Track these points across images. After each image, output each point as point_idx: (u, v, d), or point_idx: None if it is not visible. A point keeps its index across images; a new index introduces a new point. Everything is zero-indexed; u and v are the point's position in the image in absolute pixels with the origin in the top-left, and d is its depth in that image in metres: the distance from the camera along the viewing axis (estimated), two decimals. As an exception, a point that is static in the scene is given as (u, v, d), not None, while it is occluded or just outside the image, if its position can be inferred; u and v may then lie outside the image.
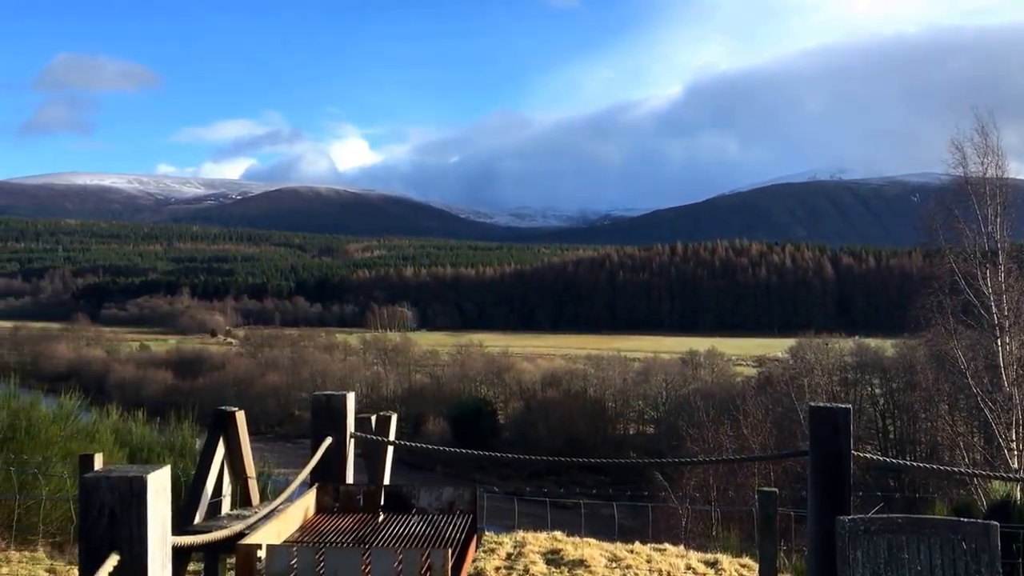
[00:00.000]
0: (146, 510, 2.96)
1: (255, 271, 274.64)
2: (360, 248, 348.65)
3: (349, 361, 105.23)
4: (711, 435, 36.68)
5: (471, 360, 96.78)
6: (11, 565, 8.53)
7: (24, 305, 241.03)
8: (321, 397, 6.35)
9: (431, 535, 5.05)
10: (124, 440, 11.77)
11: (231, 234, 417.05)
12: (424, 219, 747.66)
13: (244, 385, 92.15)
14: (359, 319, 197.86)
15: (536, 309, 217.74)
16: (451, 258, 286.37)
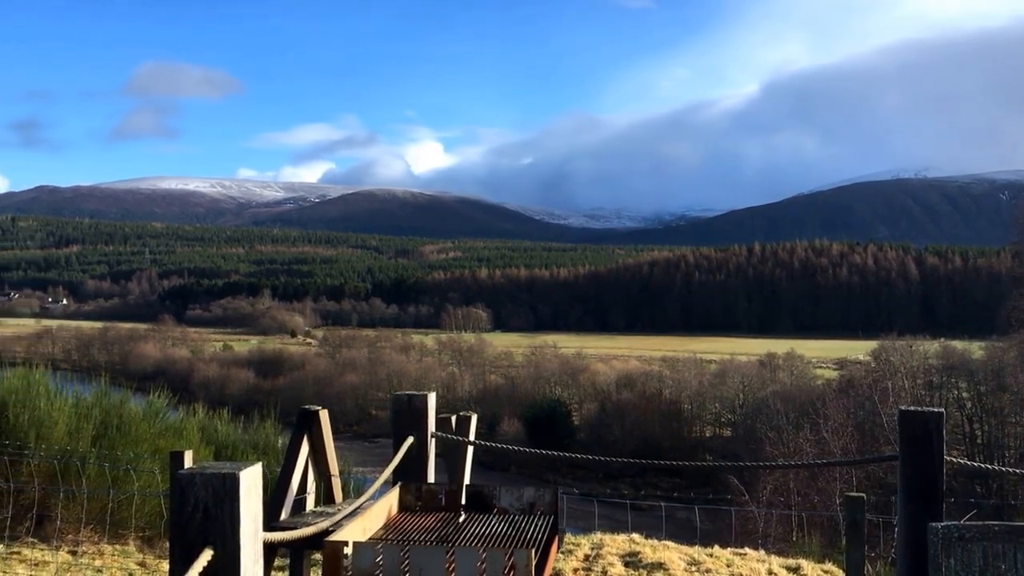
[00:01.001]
0: (239, 506, 3.01)
1: (333, 273, 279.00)
2: (435, 250, 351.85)
3: (425, 362, 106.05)
4: (791, 439, 36.01)
5: (545, 361, 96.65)
6: (104, 558, 8.77)
7: (113, 306, 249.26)
8: (403, 397, 6.40)
9: (513, 535, 5.05)
10: (210, 438, 12.03)
11: (310, 236, 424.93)
12: (498, 220, 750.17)
13: (322, 385, 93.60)
14: (434, 320, 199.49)
15: (610, 310, 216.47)
16: (525, 259, 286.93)
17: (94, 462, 9.39)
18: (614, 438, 68.84)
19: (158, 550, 9.56)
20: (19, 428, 10.03)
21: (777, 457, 33.44)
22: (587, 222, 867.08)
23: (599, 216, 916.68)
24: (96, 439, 10.31)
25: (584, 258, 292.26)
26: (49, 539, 9.16)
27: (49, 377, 11.15)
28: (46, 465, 9.44)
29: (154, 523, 10.02)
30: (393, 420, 6.42)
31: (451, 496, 5.59)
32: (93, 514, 9.47)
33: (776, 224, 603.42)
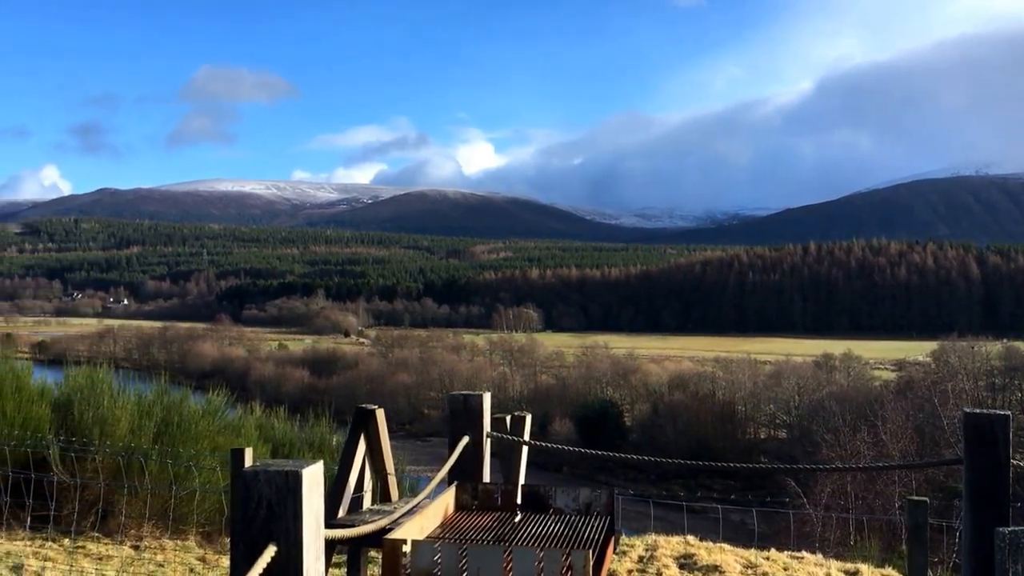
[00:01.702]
0: (301, 503, 3.05)
1: (385, 273, 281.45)
2: (486, 250, 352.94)
3: (476, 362, 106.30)
4: (847, 441, 35.44)
5: (597, 361, 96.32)
6: (165, 553, 8.93)
7: (172, 306, 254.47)
8: (458, 397, 6.42)
9: (569, 536, 5.04)
10: (267, 435, 12.19)
11: (363, 237, 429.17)
12: (549, 221, 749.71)
13: (375, 384, 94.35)
14: (485, 320, 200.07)
15: (662, 310, 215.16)
16: (576, 259, 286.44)
17: (156, 459, 9.57)
18: (666, 439, 68.34)
19: (217, 545, 9.70)
20: (84, 425, 10.26)
21: (834, 460, 32.93)
22: (638, 222, 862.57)
23: (650, 216, 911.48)
24: (157, 436, 10.51)
25: (635, 258, 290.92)
26: (113, 534, 9.35)
27: (112, 375, 11.38)
28: (110, 461, 9.64)
29: (213, 519, 10.18)
30: (449, 419, 6.44)
31: (507, 496, 5.60)
32: (155, 510, 9.65)
33: (832, 223, 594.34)
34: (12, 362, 11.36)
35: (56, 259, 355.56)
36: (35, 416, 10.24)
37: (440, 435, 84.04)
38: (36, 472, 8.77)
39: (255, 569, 2.88)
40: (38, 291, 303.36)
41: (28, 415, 10.20)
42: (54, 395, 10.88)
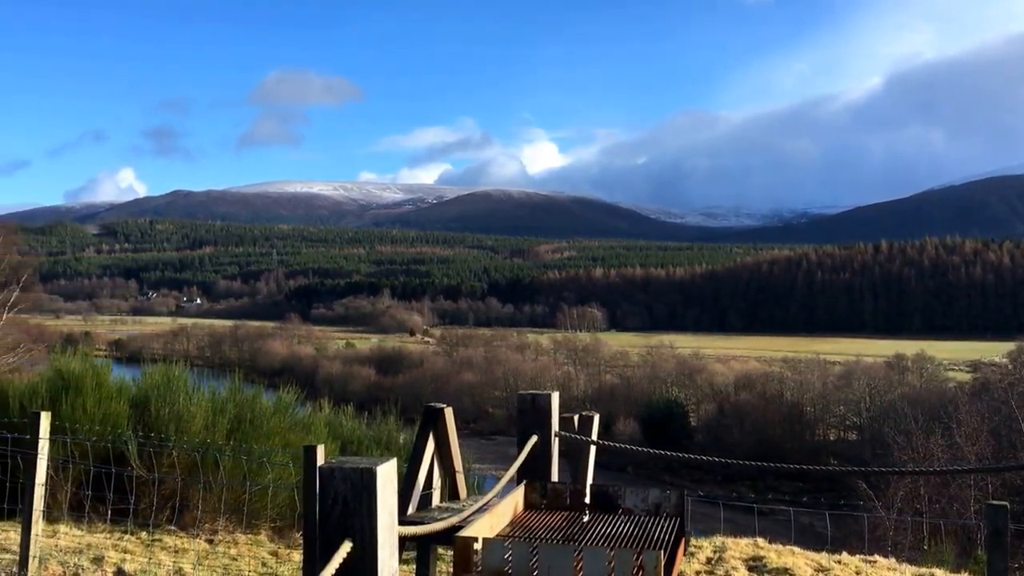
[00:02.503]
0: (376, 500, 3.09)
1: (450, 272, 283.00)
2: (550, 249, 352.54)
3: (540, 361, 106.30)
4: (920, 444, 34.56)
5: (662, 361, 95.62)
6: (238, 547, 9.10)
7: (243, 305, 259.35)
8: (527, 396, 6.43)
9: (639, 536, 5.02)
10: (336, 432, 12.34)
11: (428, 237, 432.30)
12: (613, 220, 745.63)
13: (440, 383, 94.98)
14: (549, 319, 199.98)
15: (728, 310, 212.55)
16: (641, 258, 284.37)
17: (229, 455, 9.76)
18: (733, 440, 67.57)
19: (288, 540, 9.85)
20: (161, 421, 10.52)
21: (907, 463, 32.16)
22: (703, 220, 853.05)
23: (716, 214, 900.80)
24: (231, 433, 10.71)
25: (701, 257, 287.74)
26: (188, 527, 9.56)
27: (187, 373, 11.63)
28: (185, 457, 9.87)
29: (285, 514, 10.34)
30: (517, 419, 6.45)
31: (576, 495, 5.59)
32: (228, 504, 9.85)
33: (903, 221, 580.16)
34: (92, 360, 11.68)
35: (132, 259, 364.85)
36: (114, 412, 10.53)
37: (504, 434, 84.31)
38: (115, 467, 9.03)
39: (331, 564, 2.93)
40: (115, 290, 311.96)
41: (107, 411, 10.49)
42: (132, 392, 11.16)
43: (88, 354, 11.80)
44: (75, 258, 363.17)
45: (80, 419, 10.00)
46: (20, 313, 54.22)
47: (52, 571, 6.74)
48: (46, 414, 6.82)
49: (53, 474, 8.02)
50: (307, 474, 5.14)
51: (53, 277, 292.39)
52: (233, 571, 7.69)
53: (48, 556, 7.08)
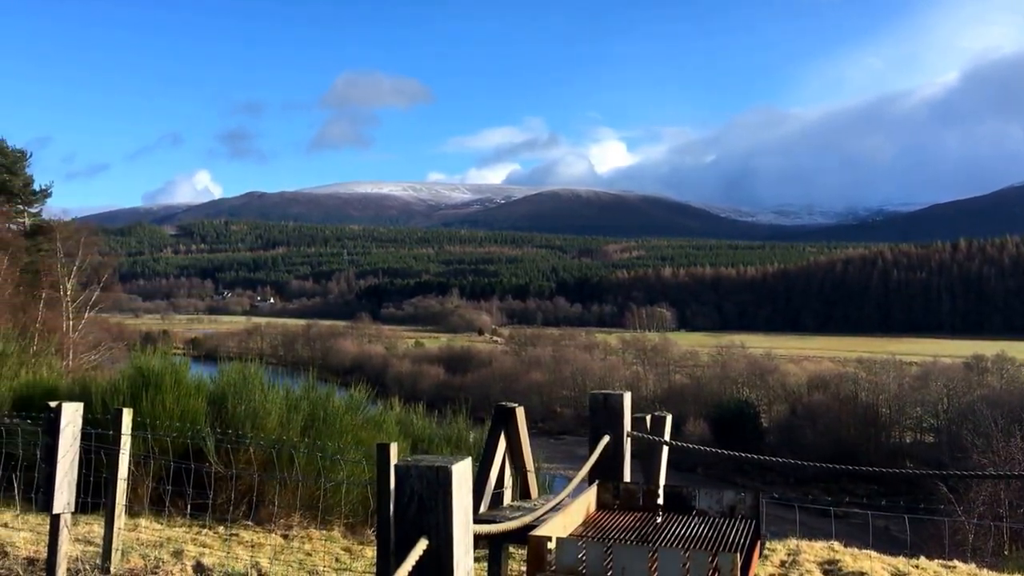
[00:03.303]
0: (451, 498, 3.09)
1: (518, 272, 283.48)
2: (619, 249, 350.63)
3: (609, 360, 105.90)
4: (1001, 446, 33.46)
5: (732, 361, 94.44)
6: (312, 543, 9.22)
7: (315, 304, 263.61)
8: (599, 396, 6.39)
9: (714, 538, 4.94)
10: (406, 431, 12.43)
11: (496, 237, 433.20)
12: (683, 219, 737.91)
13: (509, 382, 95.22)
14: (618, 319, 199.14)
15: (801, 310, 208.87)
16: (711, 258, 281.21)
17: (303, 451, 9.90)
18: (805, 441, 66.42)
19: (361, 536, 9.94)
20: (237, 418, 10.72)
21: (986, 466, 31.17)
22: (775, 219, 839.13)
23: (788, 212, 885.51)
24: (305, 430, 10.87)
25: (773, 256, 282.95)
26: (264, 522, 9.72)
27: (262, 371, 11.83)
28: (261, 453, 10.04)
29: (357, 511, 10.45)
30: (589, 418, 6.42)
31: (649, 496, 5.53)
32: (302, 500, 9.99)
33: (981, 218, 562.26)
34: (170, 358, 11.96)
35: (208, 259, 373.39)
36: (192, 409, 10.76)
37: (572, 433, 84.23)
38: (194, 462, 9.23)
39: (407, 562, 2.93)
40: (191, 290, 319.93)
41: (186, 408, 10.72)
42: (209, 389, 11.38)
43: (166, 352, 12.08)
44: (153, 258, 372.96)
45: (160, 415, 10.24)
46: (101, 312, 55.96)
47: (134, 564, 6.91)
48: (128, 410, 6.99)
49: (134, 469, 8.23)
50: (381, 472, 5.17)
51: (132, 277, 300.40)
52: (308, 566, 7.79)
53: (130, 549, 7.26)
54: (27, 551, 7.22)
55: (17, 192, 54.70)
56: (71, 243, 49.82)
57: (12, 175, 53.99)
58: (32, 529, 8.17)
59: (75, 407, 6.21)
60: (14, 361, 12.89)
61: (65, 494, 6.06)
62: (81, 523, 8.23)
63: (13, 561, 6.95)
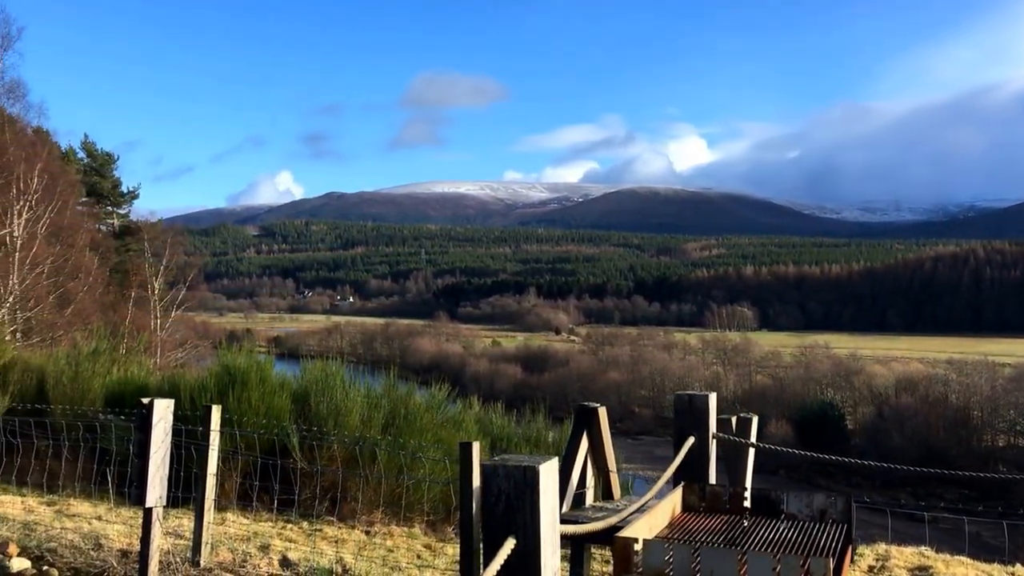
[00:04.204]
0: (538, 498, 3.07)
1: (596, 271, 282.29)
2: (698, 247, 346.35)
3: (688, 360, 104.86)
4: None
5: (816, 362, 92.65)
6: (394, 539, 9.29)
7: (393, 304, 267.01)
8: (684, 397, 6.31)
9: (804, 543, 4.81)
10: (486, 429, 12.44)
11: (573, 236, 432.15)
12: (765, 216, 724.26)
13: (586, 381, 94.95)
14: (697, 318, 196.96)
15: (888, 309, 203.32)
16: (794, 256, 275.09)
17: (385, 449, 9.99)
18: (893, 444, 64.74)
19: (441, 534, 9.99)
20: (320, 415, 10.89)
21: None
22: (861, 216, 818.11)
23: (874, 209, 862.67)
24: (385, 427, 10.97)
25: (859, 254, 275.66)
26: (346, 518, 9.84)
27: (343, 369, 11.98)
28: (343, 450, 10.18)
29: (437, 508, 10.51)
30: (675, 420, 6.33)
31: (735, 499, 5.42)
32: (384, 497, 10.09)
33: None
34: (255, 356, 12.20)
35: (289, 259, 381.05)
36: (277, 406, 10.96)
37: (651, 434, 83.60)
38: (278, 458, 9.40)
39: (496, 561, 2.92)
40: (273, 289, 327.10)
41: (271, 405, 10.93)
42: (293, 387, 11.58)
43: (251, 350, 12.32)
44: (236, 258, 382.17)
45: (245, 412, 10.46)
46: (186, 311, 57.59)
47: (223, 557, 7.05)
48: (217, 407, 7.13)
49: (221, 465, 8.41)
50: (463, 470, 5.17)
51: (216, 276, 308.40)
52: (391, 562, 7.85)
53: (219, 543, 7.41)
54: (120, 543, 7.43)
55: (106, 194, 56.78)
56: (158, 243, 51.39)
57: (101, 177, 56.05)
58: (125, 522, 8.41)
59: (166, 404, 6.35)
60: (106, 359, 13.30)
61: (157, 488, 6.20)
62: (171, 517, 8.44)
63: (107, 553, 7.15)
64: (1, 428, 9.42)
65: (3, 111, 33.16)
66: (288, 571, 6.98)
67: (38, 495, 9.72)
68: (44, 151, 36.17)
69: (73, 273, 36.60)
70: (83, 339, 14.35)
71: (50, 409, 10.58)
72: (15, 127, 34.54)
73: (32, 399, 11.29)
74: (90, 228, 48.46)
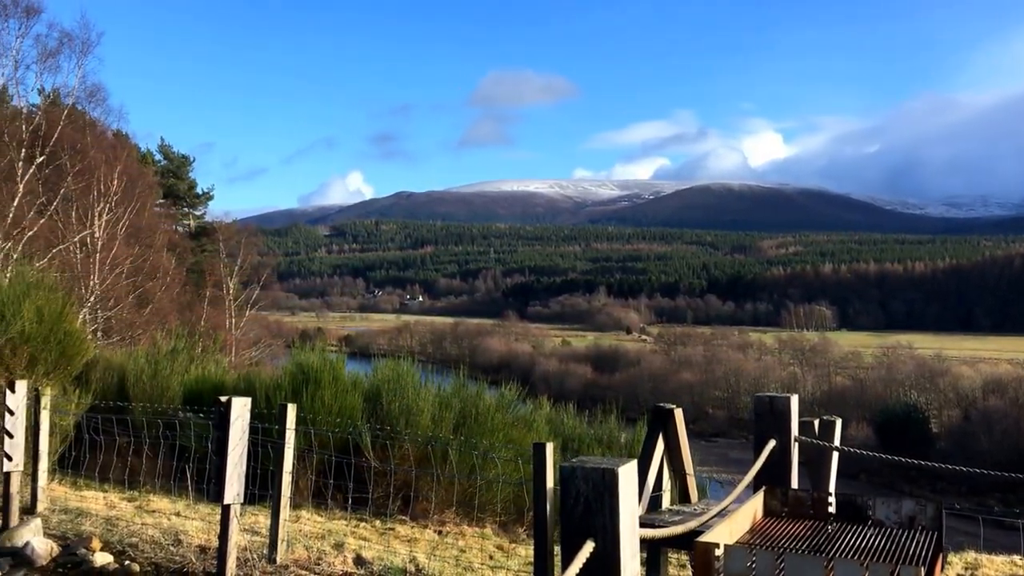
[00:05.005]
0: (618, 501, 3.01)
1: (667, 269, 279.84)
2: (774, 244, 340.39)
3: (764, 361, 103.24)
4: None
5: (899, 362, 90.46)
6: (466, 539, 9.28)
7: (462, 303, 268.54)
8: (764, 399, 6.14)
9: (892, 550, 4.62)
10: (557, 430, 12.38)
11: (644, 234, 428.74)
12: (844, 212, 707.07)
13: (658, 382, 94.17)
14: (773, 318, 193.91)
15: (975, 308, 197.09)
16: (875, 253, 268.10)
17: (456, 448, 9.98)
18: (980, 449, 62.69)
19: (512, 535, 9.94)
20: (392, 415, 10.95)
21: None
22: (946, 211, 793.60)
23: (961, 204, 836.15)
24: (456, 427, 10.98)
25: (944, 251, 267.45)
26: (418, 517, 9.86)
27: (413, 369, 12.03)
28: (415, 449, 10.20)
29: (508, 509, 10.47)
30: (755, 422, 6.17)
31: (819, 504, 5.24)
32: (455, 497, 10.09)
33: None
34: (327, 355, 12.32)
35: (359, 259, 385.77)
36: (349, 405, 11.06)
37: (725, 436, 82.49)
38: (350, 457, 9.46)
39: (575, 564, 2.87)
40: (344, 289, 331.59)
41: (343, 404, 11.03)
42: (365, 386, 11.66)
43: (323, 349, 12.46)
44: (308, 258, 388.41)
45: (319, 411, 10.57)
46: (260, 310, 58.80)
47: (298, 555, 7.10)
48: (292, 406, 7.19)
49: (296, 463, 8.50)
50: (537, 471, 5.11)
51: (289, 276, 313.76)
52: (463, 563, 7.82)
53: (294, 540, 7.47)
54: (199, 539, 7.55)
55: (183, 195, 58.34)
56: (233, 244, 52.60)
57: (178, 179, 57.62)
58: (203, 518, 8.55)
59: (244, 402, 6.42)
60: (184, 357, 13.61)
61: (235, 486, 6.27)
62: (247, 514, 8.56)
63: (187, 548, 7.27)
64: (84, 425, 9.67)
65: (84, 115, 34.23)
66: (362, 570, 6.99)
67: (119, 491, 9.96)
68: (123, 154, 37.26)
69: (151, 273, 37.61)
70: (162, 338, 14.70)
71: (130, 407, 10.83)
72: (96, 130, 35.60)
73: (113, 397, 11.59)
74: (167, 229, 49.78)
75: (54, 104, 32.63)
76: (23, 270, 11.95)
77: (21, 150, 28.92)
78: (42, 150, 29.63)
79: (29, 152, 29.27)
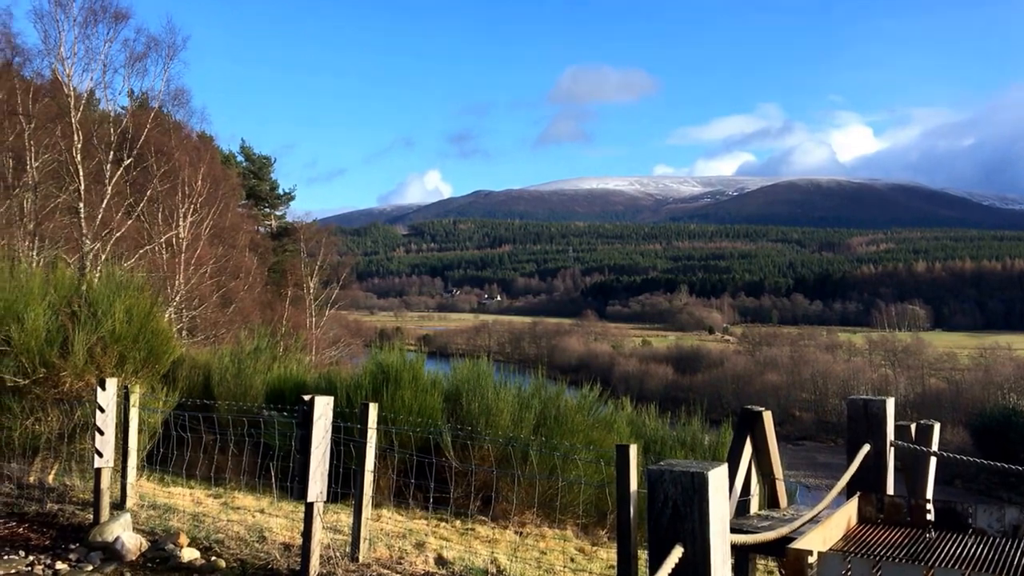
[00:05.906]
0: (708, 505, 2.93)
1: (752, 268, 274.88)
2: (864, 242, 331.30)
3: (853, 362, 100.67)
4: None
5: (997, 364, 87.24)
6: (546, 541, 9.21)
7: (540, 302, 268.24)
8: (858, 402, 5.93)
9: (995, 560, 4.41)
10: (638, 432, 12.22)
11: (727, 231, 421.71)
12: (938, 208, 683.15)
13: (742, 383, 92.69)
14: (863, 318, 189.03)
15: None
16: (971, 250, 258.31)
17: (536, 449, 9.93)
18: (1091, 455, 60.02)
19: (593, 537, 9.85)
20: (471, 415, 10.95)
21: None
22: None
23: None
24: (537, 428, 10.92)
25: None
26: (498, 518, 9.83)
27: (492, 369, 12.01)
28: (495, 450, 10.18)
29: (589, 511, 10.37)
30: (848, 426, 5.97)
31: (917, 511, 5.03)
32: (536, 498, 10.03)
33: None
34: (407, 354, 12.39)
35: (437, 258, 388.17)
36: (429, 405, 11.10)
37: (812, 439, 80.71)
38: (431, 456, 9.48)
39: (663, 569, 2.81)
40: (422, 288, 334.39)
41: (423, 403, 11.08)
42: (444, 386, 11.69)
43: (401, 349, 12.52)
44: (387, 257, 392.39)
45: (399, 410, 10.64)
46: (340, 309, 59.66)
47: (380, 554, 7.13)
48: (374, 405, 7.23)
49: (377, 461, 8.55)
50: (620, 473, 5.01)
51: (368, 276, 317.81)
52: (544, 565, 7.76)
53: (376, 539, 7.51)
54: (283, 537, 7.64)
55: (264, 196, 59.65)
56: (313, 244, 53.52)
57: (259, 180, 58.93)
58: (286, 516, 8.67)
59: (326, 400, 6.47)
60: (266, 356, 13.85)
61: (318, 484, 6.32)
62: (329, 512, 8.64)
63: (271, 546, 7.37)
64: (171, 422, 9.91)
65: (170, 117, 35.25)
66: (443, 570, 6.99)
67: (205, 487, 10.18)
68: (207, 156, 38.29)
69: (234, 273, 38.53)
70: (245, 337, 15.00)
71: (216, 405, 11.06)
72: (181, 133, 36.62)
73: (199, 395, 11.85)
74: (249, 229, 50.95)
75: (141, 107, 33.67)
76: (113, 270, 12.28)
77: (109, 152, 29.91)
78: (129, 152, 30.60)
79: (117, 154, 30.25)
